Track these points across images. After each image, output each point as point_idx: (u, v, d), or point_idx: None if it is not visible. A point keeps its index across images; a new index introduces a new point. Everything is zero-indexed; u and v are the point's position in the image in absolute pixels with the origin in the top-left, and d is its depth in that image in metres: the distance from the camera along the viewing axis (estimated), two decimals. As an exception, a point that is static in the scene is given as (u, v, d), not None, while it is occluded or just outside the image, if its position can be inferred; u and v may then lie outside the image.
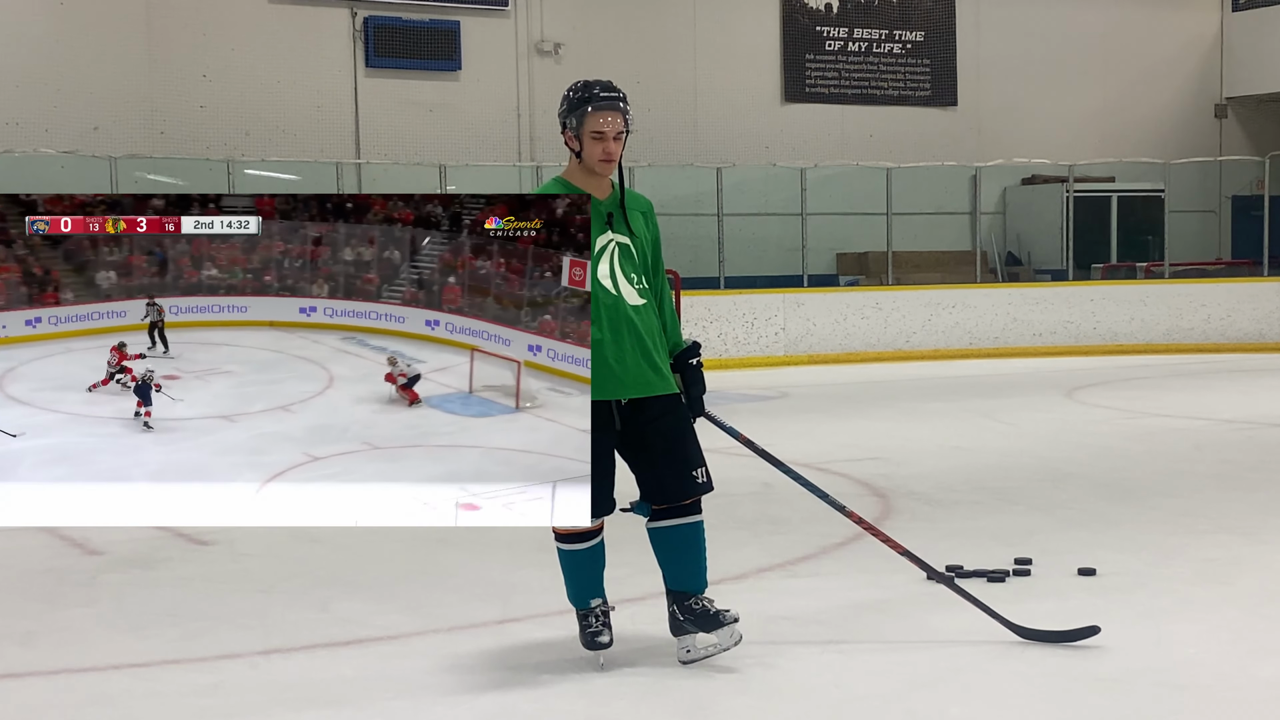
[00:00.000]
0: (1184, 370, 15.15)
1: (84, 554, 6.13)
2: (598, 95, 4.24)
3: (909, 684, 4.17)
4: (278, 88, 16.69)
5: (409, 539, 6.20)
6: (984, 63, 20.59)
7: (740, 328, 16.43)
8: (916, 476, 7.98)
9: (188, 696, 4.20)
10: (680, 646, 4.36)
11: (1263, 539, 6.19)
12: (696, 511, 4.38)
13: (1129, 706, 3.96)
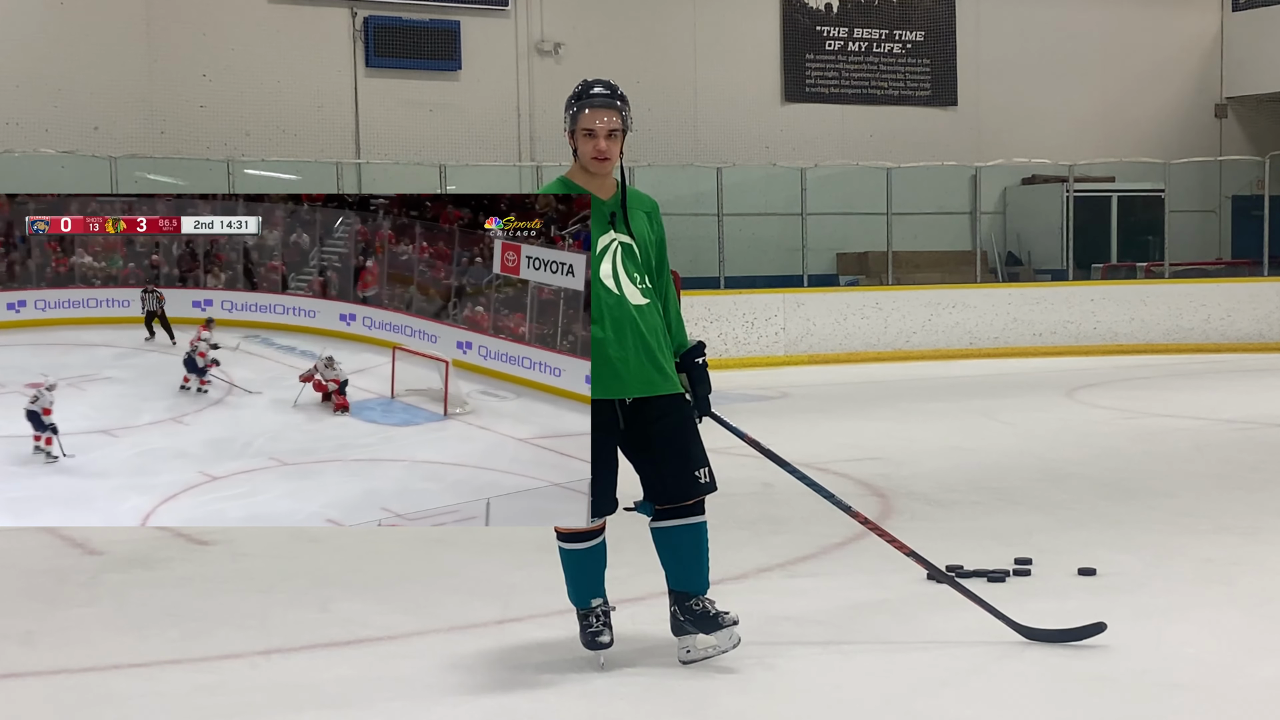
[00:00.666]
0: (1184, 370, 15.15)
1: (84, 554, 6.12)
2: (589, 94, 4.26)
3: (909, 684, 4.17)
4: (278, 88, 16.69)
5: (409, 539, 6.19)
6: (984, 63, 20.59)
7: (740, 328, 16.43)
8: (916, 476, 7.98)
9: (188, 696, 4.19)
10: (681, 647, 4.36)
11: (1263, 539, 6.19)
12: (700, 512, 4.38)
13: (1129, 706, 3.96)
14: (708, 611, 4.32)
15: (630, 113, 4.31)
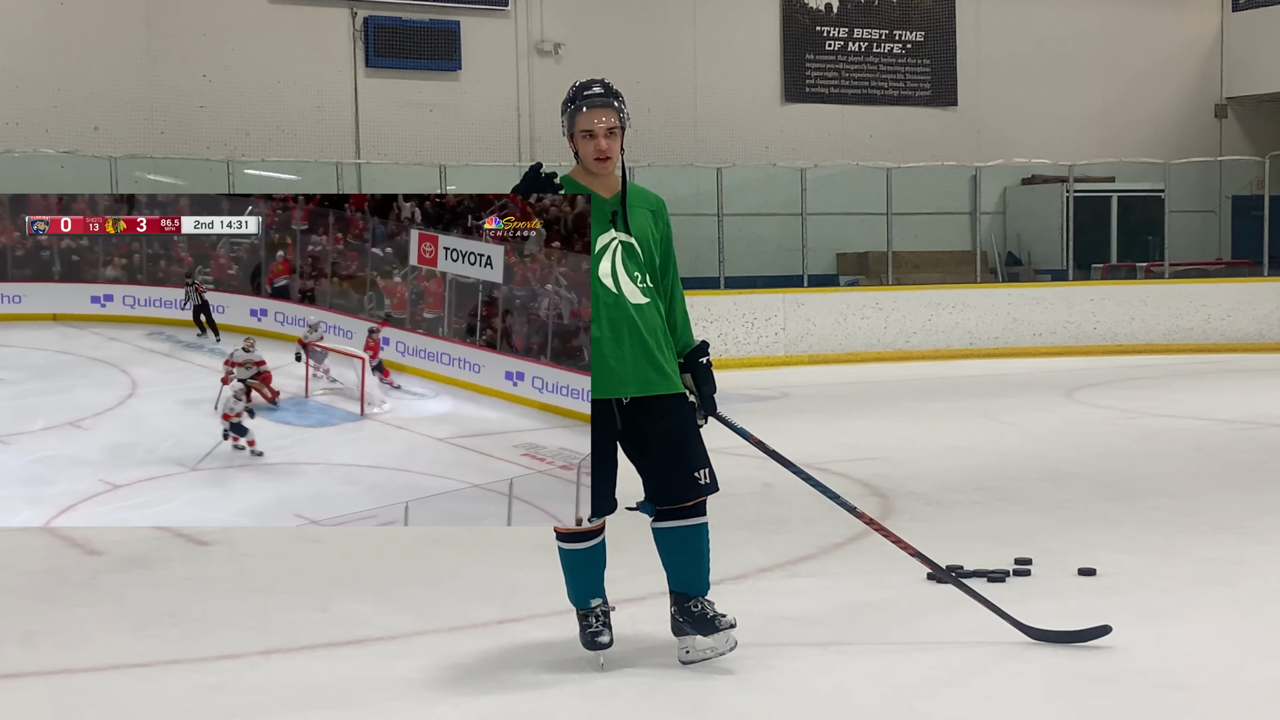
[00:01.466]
0: (1184, 370, 15.15)
1: (84, 554, 6.12)
2: (584, 95, 4.28)
3: (909, 684, 4.17)
4: (278, 88, 16.69)
5: (409, 539, 6.19)
6: (984, 63, 20.59)
7: (740, 328, 16.43)
8: (916, 476, 7.98)
9: (188, 696, 4.19)
10: (680, 647, 4.36)
11: (1263, 539, 6.19)
12: (701, 513, 4.37)
13: (1129, 706, 3.96)
14: (705, 614, 4.32)
15: (627, 109, 4.31)
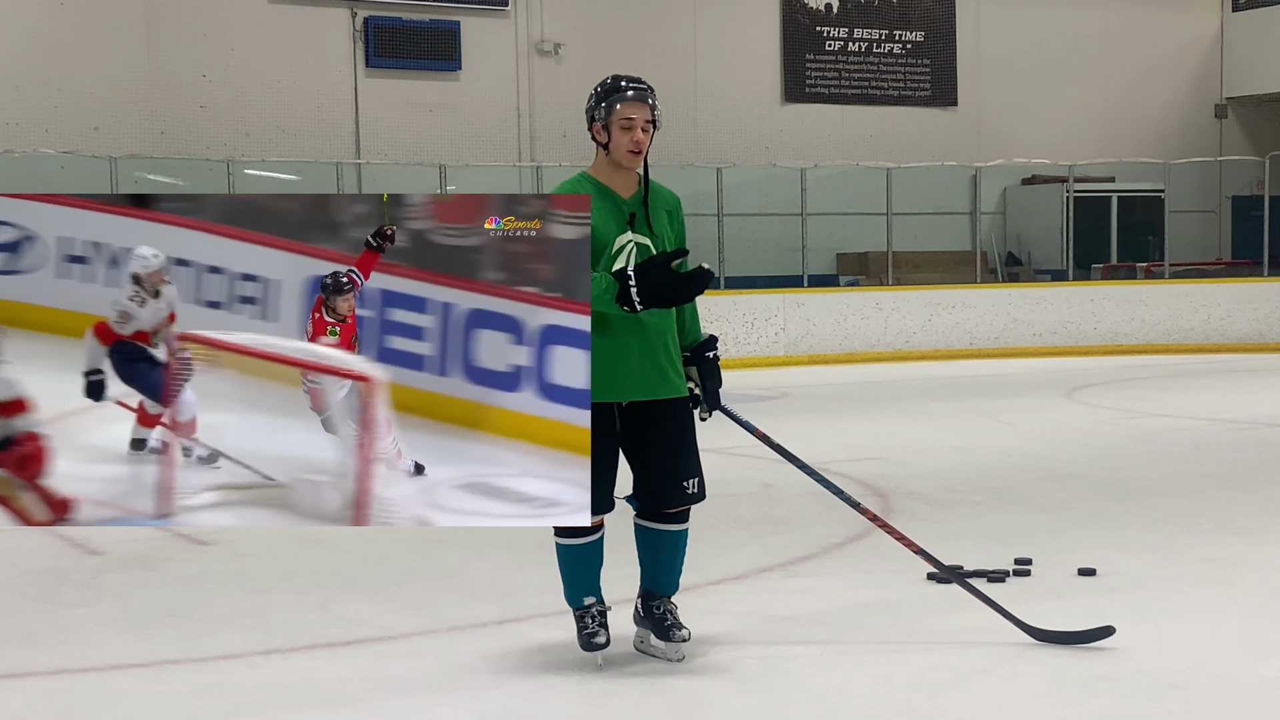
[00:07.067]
0: (1184, 370, 15.15)
1: (84, 554, 6.12)
2: (629, 85, 4.22)
3: (909, 684, 4.17)
4: (278, 88, 16.69)
5: (409, 539, 6.19)
6: (984, 63, 20.59)
7: (740, 328, 16.43)
8: (916, 476, 7.98)
9: (188, 696, 4.20)
10: (637, 635, 4.45)
11: (1263, 539, 6.19)
12: (683, 520, 4.40)
13: (1129, 706, 3.97)
14: (664, 620, 4.38)
15: (660, 110, 4.27)
